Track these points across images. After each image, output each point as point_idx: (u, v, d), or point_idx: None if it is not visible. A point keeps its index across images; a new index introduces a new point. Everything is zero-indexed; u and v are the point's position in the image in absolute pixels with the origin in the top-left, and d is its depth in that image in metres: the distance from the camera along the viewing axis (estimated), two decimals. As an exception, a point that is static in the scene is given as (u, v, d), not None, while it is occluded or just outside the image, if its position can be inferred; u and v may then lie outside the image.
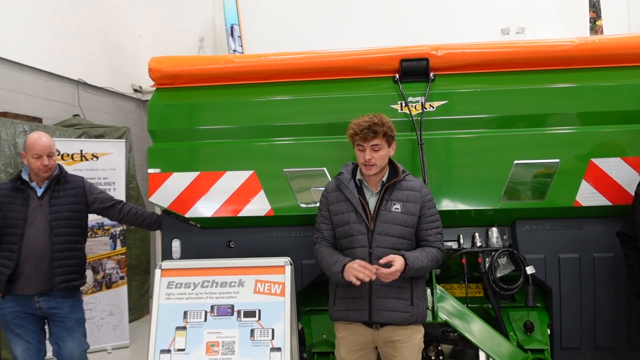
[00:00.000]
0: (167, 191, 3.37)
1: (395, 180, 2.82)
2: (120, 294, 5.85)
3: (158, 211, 3.63)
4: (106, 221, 5.59)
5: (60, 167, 3.59)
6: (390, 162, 2.90)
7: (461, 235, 3.33)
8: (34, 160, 3.42)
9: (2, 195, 3.44)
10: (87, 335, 5.46)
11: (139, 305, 6.63)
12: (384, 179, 2.85)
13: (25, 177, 3.48)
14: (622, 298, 3.20)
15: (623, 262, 3.09)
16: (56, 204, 3.46)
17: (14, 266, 3.33)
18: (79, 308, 3.60)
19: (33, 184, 3.48)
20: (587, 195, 3.18)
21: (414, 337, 2.78)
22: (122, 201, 3.78)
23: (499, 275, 3.26)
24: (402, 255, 2.63)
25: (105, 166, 5.75)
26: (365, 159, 2.76)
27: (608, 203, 3.18)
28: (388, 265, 2.61)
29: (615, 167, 3.18)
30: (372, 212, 2.79)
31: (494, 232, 3.31)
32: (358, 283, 2.61)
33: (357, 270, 2.61)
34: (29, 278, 3.37)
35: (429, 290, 3.12)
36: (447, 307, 3.18)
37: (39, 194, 3.47)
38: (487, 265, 3.27)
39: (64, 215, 3.47)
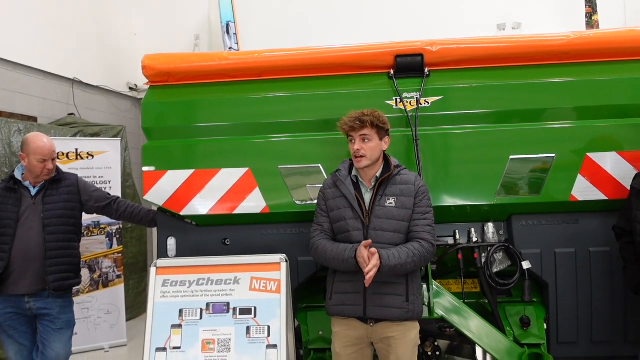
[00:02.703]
0: (162, 189, 3.36)
1: (389, 175, 2.81)
2: (117, 292, 5.84)
3: (154, 208, 3.62)
4: (102, 220, 5.60)
5: (57, 167, 3.57)
6: (385, 158, 2.90)
7: (457, 231, 3.32)
8: (37, 164, 3.39)
9: None
10: (85, 334, 5.52)
11: (137, 304, 6.61)
12: (378, 174, 2.84)
13: (18, 176, 3.46)
14: (618, 292, 3.20)
15: (619, 256, 3.09)
16: (49, 202, 3.44)
17: (5, 266, 3.30)
18: (70, 309, 3.56)
19: (26, 183, 3.46)
20: (583, 190, 3.18)
21: (408, 334, 2.77)
22: (118, 198, 3.76)
23: (495, 270, 3.26)
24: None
25: (101, 165, 5.74)
26: (355, 149, 2.77)
27: (604, 197, 3.17)
28: None
29: (611, 162, 3.18)
30: (367, 208, 2.79)
31: (490, 227, 3.30)
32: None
33: (363, 259, 2.59)
34: (20, 277, 3.34)
35: (425, 286, 3.13)
36: (444, 302, 3.18)
37: (32, 193, 3.45)
38: (483, 260, 3.27)
39: (57, 213, 3.45)
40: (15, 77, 5.85)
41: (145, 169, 3.39)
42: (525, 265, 3.19)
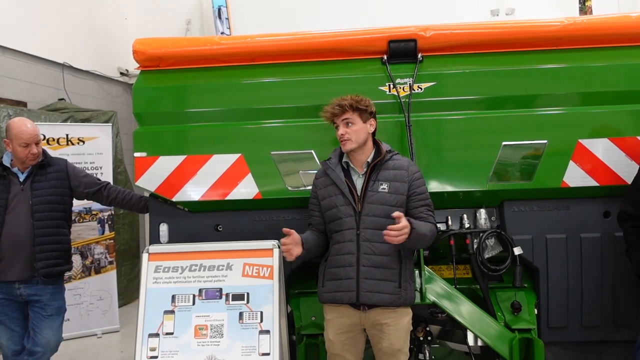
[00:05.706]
0: (154, 175, 3.34)
1: (380, 160, 2.81)
2: (109, 278, 5.84)
3: (146, 194, 3.60)
4: (94, 206, 5.57)
5: (44, 151, 3.53)
6: (376, 143, 2.90)
7: (449, 217, 3.33)
8: (21, 149, 3.35)
9: None
10: (77, 320, 5.52)
11: (129, 290, 6.61)
12: (369, 159, 2.84)
13: (6, 163, 3.43)
14: (608, 277, 3.23)
15: (609, 242, 3.12)
16: (38, 188, 3.41)
17: None
18: (61, 296, 3.54)
19: (15, 169, 3.43)
20: (575, 176, 3.18)
21: (401, 320, 2.78)
22: (108, 184, 3.73)
23: (487, 256, 3.28)
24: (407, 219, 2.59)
25: (92, 150, 5.70)
26: (339, 134, 2.80)
27: (595, 184, 3.18)
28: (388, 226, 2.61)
29: (602, 148, 3.18)
30: (359, 194, 2.79)
31: (482, 213, 3.31)
32: (291, 258, 2.74)
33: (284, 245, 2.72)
34: (10, 264, 3.32)
35: (417, 272, 3.14)
36: (436, 288, 3.19)
37: (21, 179, 3.42)
38: (475, 246, 3.28)
39: (46, 199, 3.41)
40: (3, 61, 5.78)
41: (136, 154, 3.37)
42: (517, 251, 3.21)
